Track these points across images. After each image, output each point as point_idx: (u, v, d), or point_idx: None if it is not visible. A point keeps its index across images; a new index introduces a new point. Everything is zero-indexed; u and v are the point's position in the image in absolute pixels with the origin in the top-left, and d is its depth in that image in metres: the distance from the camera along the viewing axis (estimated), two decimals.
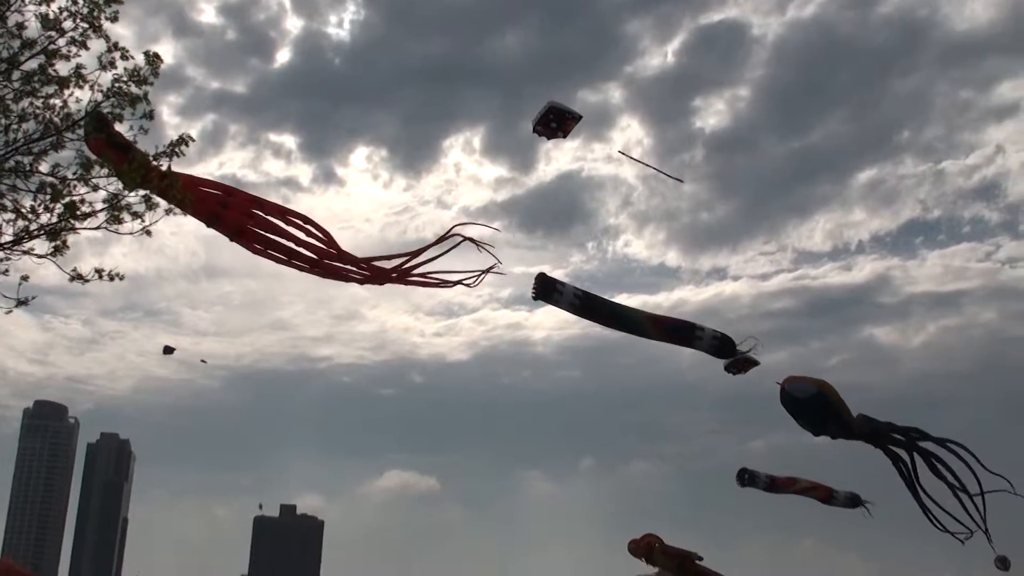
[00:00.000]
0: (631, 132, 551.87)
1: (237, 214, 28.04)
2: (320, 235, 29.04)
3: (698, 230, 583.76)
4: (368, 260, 29.98)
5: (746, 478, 45.26)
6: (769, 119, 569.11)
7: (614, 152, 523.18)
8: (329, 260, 29.31)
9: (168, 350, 41.75)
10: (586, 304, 31.75)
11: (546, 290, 30.90)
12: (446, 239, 29.60)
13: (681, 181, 46.63)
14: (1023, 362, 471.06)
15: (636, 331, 33.07)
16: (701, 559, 48.39)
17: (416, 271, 29.87)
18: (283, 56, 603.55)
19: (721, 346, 32.65)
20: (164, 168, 19.98)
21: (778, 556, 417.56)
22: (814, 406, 32.13)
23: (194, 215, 26.42)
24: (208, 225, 27.99)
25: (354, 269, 29.87)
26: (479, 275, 29.95)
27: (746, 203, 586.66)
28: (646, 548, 47.82)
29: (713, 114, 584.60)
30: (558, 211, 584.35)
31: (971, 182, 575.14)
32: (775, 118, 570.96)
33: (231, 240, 28.24)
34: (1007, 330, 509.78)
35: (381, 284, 30.47)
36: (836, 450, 34.10)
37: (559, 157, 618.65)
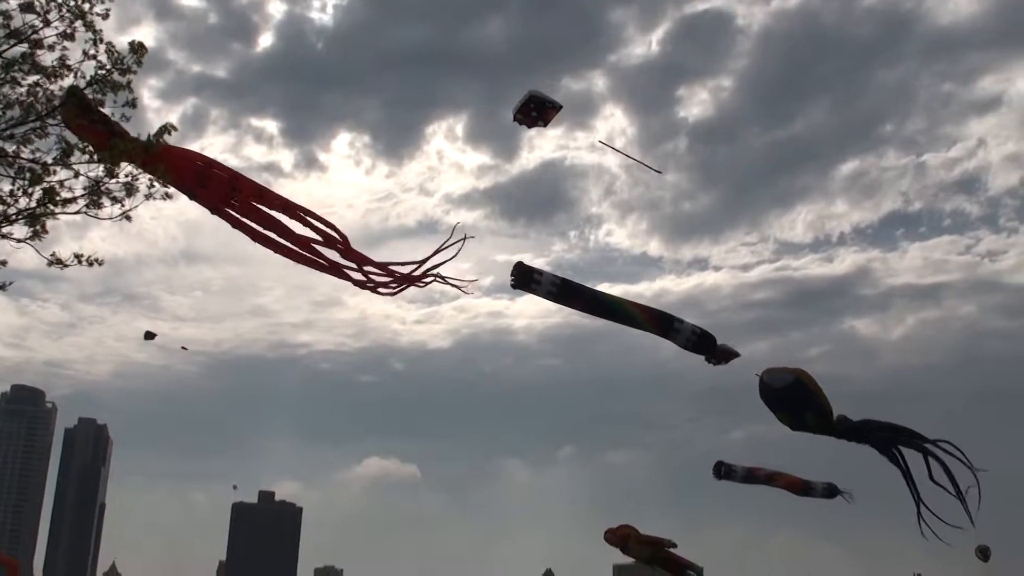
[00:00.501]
0: (615, 121, 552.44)
1: (241, 199, 27.61)
2: (333, 233, 28.57)
3: (680, 220, 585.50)
4: (384, 265, 29.26)
5: (723, 471, 45.42)
6: (752, 109, 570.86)
7: (597, 141, 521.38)
8: (345, 259, 28.65)
9: (149, 336, 41.73)
10: (565, 291, 31.70)
11: (524, 279, 30.92)
12: (449, 243, 29.01)
13: (660, 172, 46.95)
14: (1001, 355, 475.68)
15: (615, 317, 32.97)
16: (675, 546, 48.84)
17: (427, 273, 29.26)
18: (265, 40, 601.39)
19: (700, 342, 32.55)
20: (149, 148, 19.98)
21: (755, 544, 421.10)
22: (792, 394, 32.13)
23: (184, 190, 26.12)
24: (214, 212, 27.65)
25: (374, 271, 29.13)
26: (461, 284, 29.75)
27: (728, 193, 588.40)
28: (622, 539, 48.30)
29: (697, 104, 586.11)
30: (541, 199, 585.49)
31: (952, 175, 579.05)
32: (758, 108, 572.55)
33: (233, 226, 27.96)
34: (985, 323, 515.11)
35: (395, 293, 29.77)
36: (814, 439, 34.17)
37: (542, 145, 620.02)
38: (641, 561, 50.51)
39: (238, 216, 28.11)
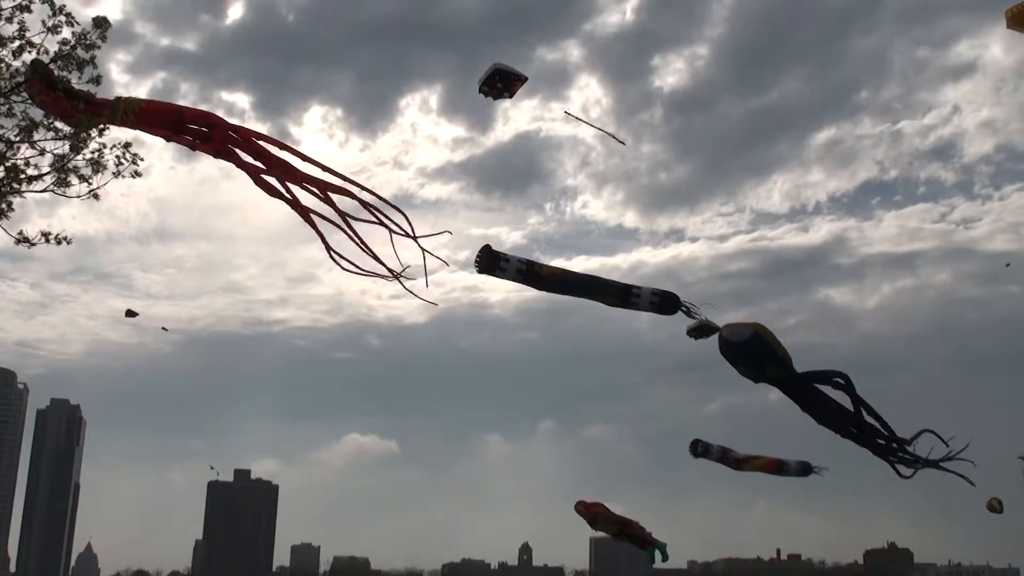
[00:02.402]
0: (589, 91, 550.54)
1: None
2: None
3: (656, 191, 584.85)
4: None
5: (699, 449, 45.67)
6: (728, 78, 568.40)
7: (564, 112, 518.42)
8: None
9: (131, 314, 41.70)
10: (531, 273, 31.64)
11: (490, 265, 30.55)
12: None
13: (623, 143, 47.02)
14: (975, 323, 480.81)
15: (582, 294, 33.09)
16: (643, 529, 49.34)
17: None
18: (235, 12, 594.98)
19: (663, 304, 32.76)
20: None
21: (733, 514, 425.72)
22: (751, 348, 32.52)
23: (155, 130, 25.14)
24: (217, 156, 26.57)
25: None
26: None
27: (704, 163, 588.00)
28: (592, 515, 48.69)
29: (672, 73, 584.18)
30: (516, 172, 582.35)
31: (927, 142, 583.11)
32: (734, 77, 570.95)
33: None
34: (960, 291, 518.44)
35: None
36: (789, 408, 34.49)
37: (517, 117, 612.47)
38: (610, 535, 51.04)
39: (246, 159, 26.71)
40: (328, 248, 27.79)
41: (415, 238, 27.94)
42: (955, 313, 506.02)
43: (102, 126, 20.06)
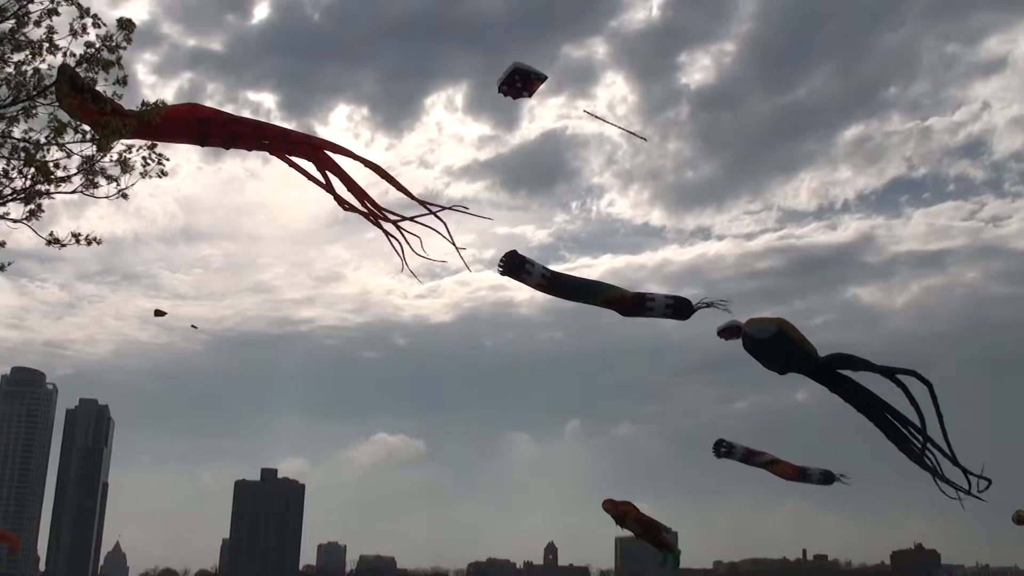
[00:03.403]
0: (615, 89, 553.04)
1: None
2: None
3: (683, 189, 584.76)
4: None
5: (723, 449, 45.54)
6: (755, 75, 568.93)
7: (599, 110, 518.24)
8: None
9: (159, 313, 42.06)
10: (554, 283, 31.91)
11: (515, 269, 30.87)
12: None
13: (644, 139, 47.05)
14: (1004, 321, 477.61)
15: (601, 304, 33.31)
16: (670, 531, 49.58)
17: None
18: (261, 12, 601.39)
19: (677, 309, 32.99)
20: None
21: (760, 514, 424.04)
22: (776, 345, 32.49)
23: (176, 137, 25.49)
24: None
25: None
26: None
27: (731, 161, 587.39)
28: (620, 514, 48.82)
29: (698, 70, 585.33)
30: (542, 170, 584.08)
31: (957, 139, 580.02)
32: (761, 74, 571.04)
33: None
34: (989, 289, 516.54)
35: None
36: (816, 409, 34.36)
37: (543, 115, 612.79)
38: (634, 535, 51.31)
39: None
40: (399, 239, 28.31)
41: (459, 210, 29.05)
42: (984, 312, 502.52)
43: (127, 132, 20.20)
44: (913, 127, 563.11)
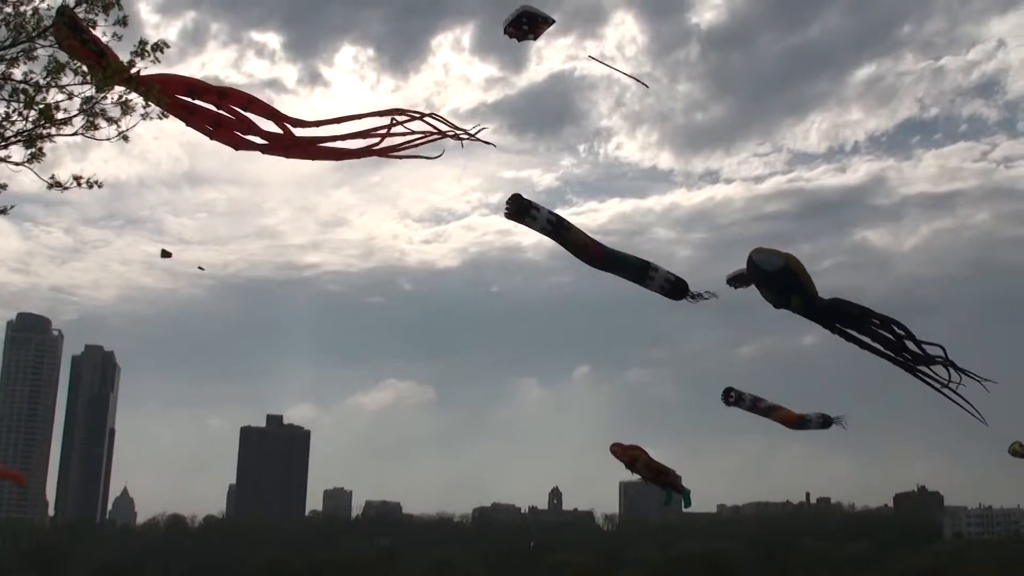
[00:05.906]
0: (624, 29, 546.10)
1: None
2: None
3: (692, 131, 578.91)
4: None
5: (732, 398, 45.92)
6: (766, 14, 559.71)
7: (607, 51, 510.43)
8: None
9: (165, 254, 41.80)
10: (557, 230, 31.90)
11: (521, 212, 30.92)
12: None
13: (647, 87, 46.68)
14: (1014, 264, 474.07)
15: (601, 267, 33.34)
16: (679, 478, 49.71)
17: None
18: None
19: (673, 289, 33.21)
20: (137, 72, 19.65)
21: (764, 458, 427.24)
22: (780, 278, 32.59)
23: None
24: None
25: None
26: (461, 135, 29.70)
27: (741, 103, 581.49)
28: (630, 459, 48.95)
29: (709, 8, 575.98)
30: (549, 113, 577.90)
31: (970, 79, 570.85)
32: (772, 12, 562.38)
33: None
34: (999, 231, 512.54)
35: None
36: (823, 352, 34.37)
37: (551, 56, 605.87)
38: (643, 479, 51.38)
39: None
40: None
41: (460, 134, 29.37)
42: (994, 255, 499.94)
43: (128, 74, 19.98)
44: (926, 67, 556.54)
